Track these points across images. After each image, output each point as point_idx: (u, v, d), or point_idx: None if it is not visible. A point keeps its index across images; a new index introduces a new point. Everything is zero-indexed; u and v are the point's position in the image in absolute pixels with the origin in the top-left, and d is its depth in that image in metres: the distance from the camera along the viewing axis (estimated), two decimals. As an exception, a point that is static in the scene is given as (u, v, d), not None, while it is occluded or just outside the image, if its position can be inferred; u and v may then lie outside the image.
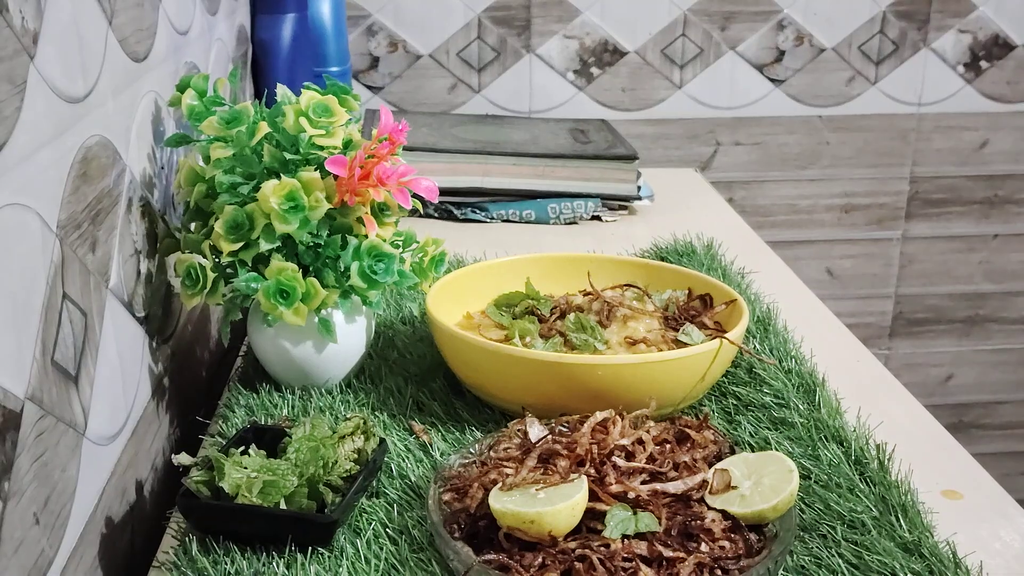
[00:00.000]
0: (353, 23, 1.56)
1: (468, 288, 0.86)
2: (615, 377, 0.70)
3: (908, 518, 0.63)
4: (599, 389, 0.70)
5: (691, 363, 0.72)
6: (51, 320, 0.55)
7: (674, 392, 0.73)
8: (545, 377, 0.71)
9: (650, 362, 0.71)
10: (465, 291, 0.86)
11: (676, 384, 0.72)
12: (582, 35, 1.61)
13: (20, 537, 0.51)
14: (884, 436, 0.72)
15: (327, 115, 0.74)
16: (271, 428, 0.69)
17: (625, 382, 0.70)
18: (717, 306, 0.82)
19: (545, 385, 0.71)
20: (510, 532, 0.57)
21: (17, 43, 0.52)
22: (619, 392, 0.69)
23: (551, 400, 0.71)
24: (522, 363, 0.71)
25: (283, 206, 0.71)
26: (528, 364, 0.71)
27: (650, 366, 0.70)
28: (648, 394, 0.70)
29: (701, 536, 0.57)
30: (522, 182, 1.23)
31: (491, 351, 0.72)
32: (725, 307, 0.82)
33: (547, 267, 0.90)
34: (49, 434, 0.55)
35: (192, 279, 0.73)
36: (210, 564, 0.59)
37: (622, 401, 0.67)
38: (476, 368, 0.75)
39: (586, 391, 0.70)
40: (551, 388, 0.71)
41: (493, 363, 0.73)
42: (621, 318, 0.79)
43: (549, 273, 0.89)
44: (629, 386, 0.70)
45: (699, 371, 0.73)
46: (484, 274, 0.88)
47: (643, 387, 0.70)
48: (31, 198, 0.53)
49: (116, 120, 0.68)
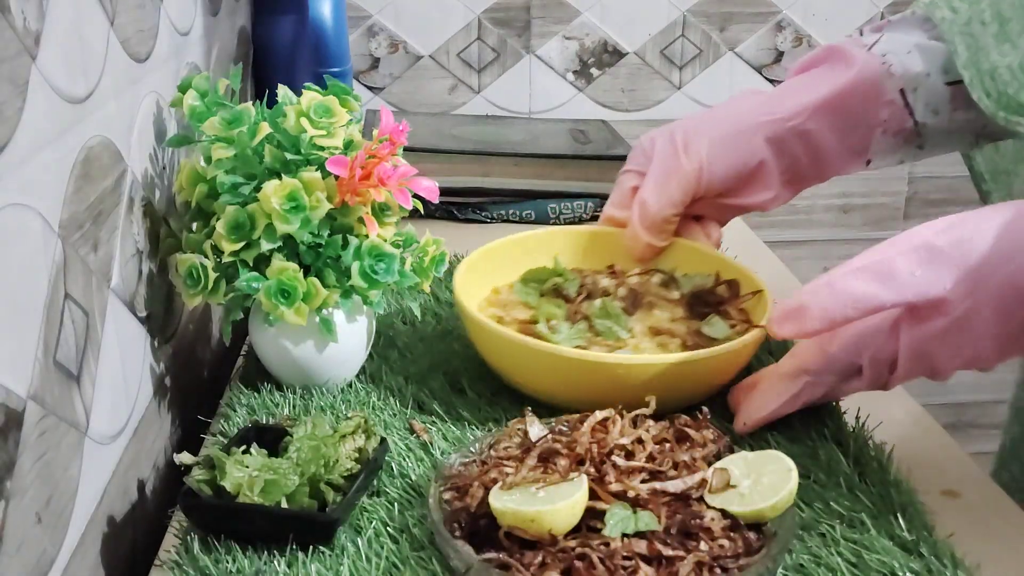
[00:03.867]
0: (354, 24, 1.56)
1: (498, 260, 0.86)
2: (639, 375, 0.70)
3: (907, 517, 0.63)
4: (623, 385, 0.70)
5: (719, 362, 0.72)
6: (53, 320, 0.56)
7: (695, 390, 0.73)
8: (568, 370, 0.71)
9: (670, 363, 0.70)
10: (495, 263, 0.85)
11: (700, 381, 0.73)
12: (582, 36, 1.61)
13: (22, 536, 0.51)
14: (883, 436, 0.72)
15: (328, 116, 0.75)
16: (272, 427, 0.69)
17: (645, 380, 0.70)
18: (743, 296, 0.81)
19: (568, 377, 0.71)
20: (510, 531, 0.57)
21: (19, 44, 0.52)
22: (642, 389, 0.68)
23: (572, 391, 0.72)
24: (543, 357, 0.71)
25: (284, 206, 0.71)
26: (548, 358, 0.71)
27: (675, 367, 0.70)
28: (670, 390, 0.70)
29: (700, 535, 0.57)
30: (522, 182, 1.23)
31: (517, 344, 0.72)
32: (752, 296, 0.80)
33: (578, 241, 0.89)
34: (51, 433, 0.55)
35: (194, 279, 0.74)
36: (212, 563, 0.60)
37: (644, 395, 0.67)
38: (500, 355, 0.76)
39: (610, 386, 0.70)
40: (574, 380, 0.71)
41: (517, 354, 0.73)
42: (647, 306, 0.79)
43: (580, 247, 0.89)
44: (652, 383, 0.70)
45: (728, 370, 0.73)
46: (514, 248, 0.87)
47: (667, 384, 0.70)
48: (33, 198, 0.53)
49: (118, 120, 0.68)
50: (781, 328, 0.67)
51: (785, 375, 0.71)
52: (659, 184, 0.83)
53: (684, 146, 0.82)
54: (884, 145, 0.85)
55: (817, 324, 0.64)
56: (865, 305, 0.62)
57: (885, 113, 0.83)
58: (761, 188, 0.85)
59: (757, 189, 0.85)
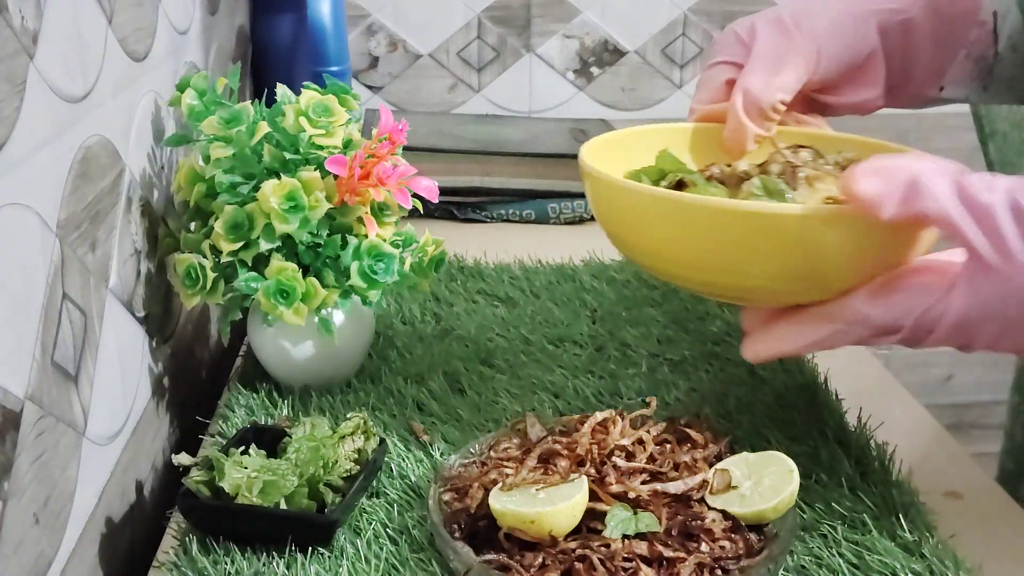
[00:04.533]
0: (353, 23, 1.56)
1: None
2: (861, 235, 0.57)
3: (909, 518, 0.63)
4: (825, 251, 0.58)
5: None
6: (51, 320, 0.55)
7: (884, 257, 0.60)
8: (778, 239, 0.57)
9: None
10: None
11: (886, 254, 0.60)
12: (582, 35, 1.61)
13: (20, 537, 0.51)
14: (885, 436, 0.72)
15: (327, 115, 0.74)
16: (271, 428, 0.69)
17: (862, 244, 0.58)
18: None
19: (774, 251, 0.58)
20: (510, 532, 0.57)
21: (17, 43, 0.52)
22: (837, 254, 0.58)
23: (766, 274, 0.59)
24: (752, 219, 0.57)
25: (283, 206, 0.71)
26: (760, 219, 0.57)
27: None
28: (862, 257, 0.59)
29: (701, 536, 0.57)
30: (522, 182, 1.23)
31: (713, 208, 0.58)
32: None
33: (658, 142, 0.73)
34: (49, 434, 0.55)
35: (192, 279, 0.73)
36: (210, 564, 0.59)
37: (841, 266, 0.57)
38: (670, 238, 0.61)
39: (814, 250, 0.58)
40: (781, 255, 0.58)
41: (716, 224, 0.58)
42: (805, 180, 0.65)
43: (662, 148, 0.72)
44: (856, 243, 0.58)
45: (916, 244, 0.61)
46: (608, 148, 0.72)
47: (861, 249, 0.58)
48: (31, 198, 0.53)
49: (116, 120, 0.68)
50: (860, 180, 0.55)
51: (816, 315, 0.62)
52: (767, 68, 0.72)
53: (796, 25, 0.72)
54: (961, 73, 0.78)
55: (900, 192, 0.54)
56: (966, 219, 0.54)
57: (974, 34, 0.77)
58: (866, 85, 0.76)
59: (861, 85, 0.76)
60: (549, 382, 0.81)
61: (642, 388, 0.80)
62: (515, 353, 0.86)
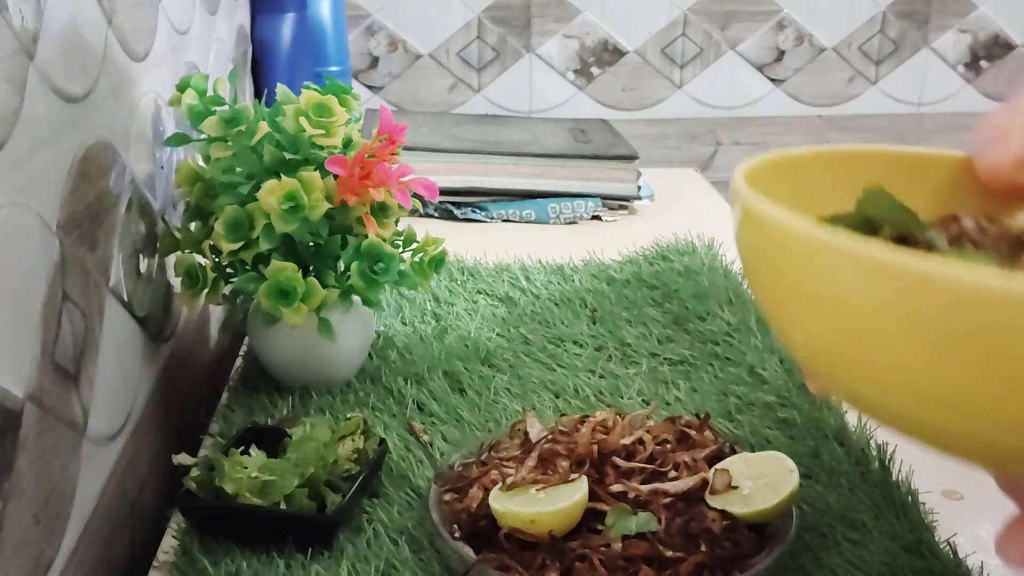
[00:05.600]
0: (353, 23, 1.56)
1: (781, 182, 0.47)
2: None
3: (909, 518, 0.63)
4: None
5: None
6: (51, 320, 0.55)
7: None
8: None
9: None
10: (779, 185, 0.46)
11: None
12: (582, 35, 1.61)
13: (20, 537, 0.51)
14: (885, 436, 0.72)
15: (327, 115, 0.74)
16: (271, 428, 0.69)
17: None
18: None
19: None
20: (510, 532, 0.57)
21: (16, 43, 0.52)
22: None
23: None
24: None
25: (283, 206, 0.71)
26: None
27: None
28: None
29: (701, 536, 0.57)
30: (522, 182, 1.23)
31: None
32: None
33: (889, 169, 0.48)
34: (49, 434, 0.55)
35: (192, 279, 0.73)
36: (210, 564, 0.59)
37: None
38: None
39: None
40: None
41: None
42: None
43: (895, 181, 0.44)
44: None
45: None
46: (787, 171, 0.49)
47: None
48: (31, 198, 0.53)
49: (116, 120, 0.68)
50: (985, 151, 0.45)
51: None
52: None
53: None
54: None
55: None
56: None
57: None
58: None
59: None
60: (549, 382, 0.81)
61: (642, 388, 0.80)
62: (515, 353, 0.86)
